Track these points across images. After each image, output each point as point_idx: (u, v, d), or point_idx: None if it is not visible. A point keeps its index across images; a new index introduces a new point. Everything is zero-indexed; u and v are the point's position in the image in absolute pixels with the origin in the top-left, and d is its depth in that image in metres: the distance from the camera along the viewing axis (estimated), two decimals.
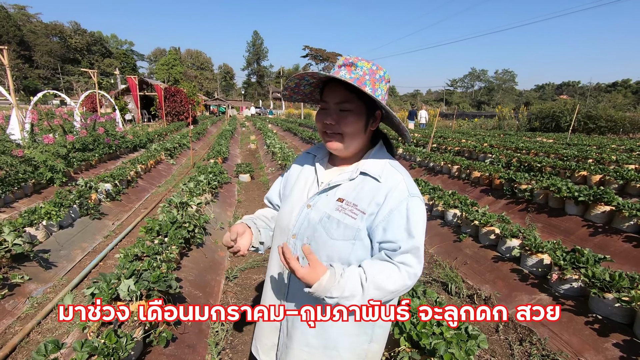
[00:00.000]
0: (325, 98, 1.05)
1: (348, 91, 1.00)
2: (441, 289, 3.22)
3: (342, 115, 1.02)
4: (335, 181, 1.08)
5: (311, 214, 1.07)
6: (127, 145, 9.57)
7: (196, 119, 24.72)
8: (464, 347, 1.67)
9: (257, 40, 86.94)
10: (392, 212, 0.98)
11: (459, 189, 6.01)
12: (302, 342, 1.10)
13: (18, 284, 2.87)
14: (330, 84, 1.04)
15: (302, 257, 1.05)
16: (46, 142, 6.07)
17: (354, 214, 1.01)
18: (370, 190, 1.03)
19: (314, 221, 1.06)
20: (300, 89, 1.14)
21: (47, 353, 1.53)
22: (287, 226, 1.12)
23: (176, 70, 57.72)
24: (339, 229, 1.01)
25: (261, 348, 1.24)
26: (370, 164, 1.07)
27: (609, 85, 72.42)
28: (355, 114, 1.02)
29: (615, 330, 2.28)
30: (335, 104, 1.02)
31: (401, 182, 1.03)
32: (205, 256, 3.42)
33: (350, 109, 1.01)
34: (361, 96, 1.01)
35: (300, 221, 1.09)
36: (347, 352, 1.09)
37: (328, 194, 1.08)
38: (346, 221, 1.01)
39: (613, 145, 9.34)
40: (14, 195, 4.70)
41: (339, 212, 1.03)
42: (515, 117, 21.68)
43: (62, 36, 69.74)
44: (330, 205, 1.05)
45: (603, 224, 3.77)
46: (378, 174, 1.04)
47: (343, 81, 0.99)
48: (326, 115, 1.04)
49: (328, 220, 1.03)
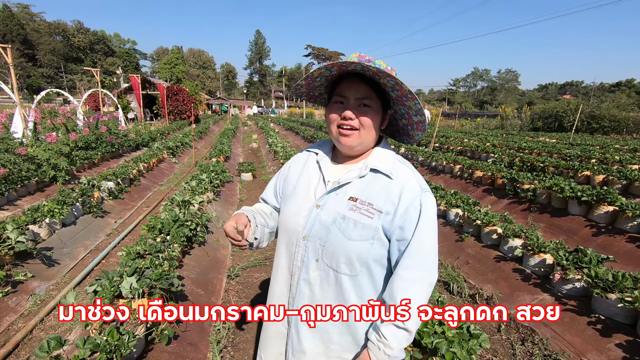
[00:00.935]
0: (343, 92, 1.02)
1: (370, 88, 1.00)
2: (443, 288, 3.21)
3: (362, 110, 1.01)
4: (345, 179, 1.05)
5: (322, 215, 1.04)
6: (130, 144, 9.59)
7: (198, 117, 24.77)
8: (466, 347, 1.67)
9: (260, 39, 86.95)
10: (408, 210, 0.98)
11: (461, 188, 6.00)
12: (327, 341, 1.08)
13: (21, 281, 2.88)
14: (350, 79, 1.01)
15: (315, 259, 1.04)
16: (49, 141, 6.10)
17: (370, 214, 0.99)
18: (384, 188, 1.01)
19: (326, 222, 1.02)
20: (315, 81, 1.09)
21: (50, 350, 1.54)
22: (296, 228, 1.08)
23: (179, 69, 57.81)
24: (356, 230, 0.99)
25: (266, 357, 1.20)
26: (379, 160, 1.06)
27: (612, 85, 72.01)
28: (375, 111, 1.02)
29: (618, 330, 2.27)
30: (357, 99, 1.01)
31: (412, 178, 1.02)
32: (207, 254, 3.43)
33: (370, 105, 1.01)
34: (380, 94, 1.01)
35: (311, 222, 1.05)
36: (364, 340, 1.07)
37: (338, 193, 1.05)
38: (363, 221, 0.99)
39: (616, 145, 9.30)
40: (17, 193, 4.72)
41: (353, 212, 1.00)
42: (518, 116, 21.60)
43: (65, 35, 69.99)
44: (342, 205, 1.02)
45: (606, 224, 3.75)
46: (389, 171, 1.03)
47: (364, 77, 0.99)
48: (344, 109, 1.01)
49: (343, 221, 1.00)
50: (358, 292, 1.03)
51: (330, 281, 1.03)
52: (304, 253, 1.06)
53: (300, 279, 1.07)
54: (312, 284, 1.05)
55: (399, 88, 0.96)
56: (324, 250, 1.02)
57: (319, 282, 1.05)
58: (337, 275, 1.02)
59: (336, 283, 1.03)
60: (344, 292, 1.03)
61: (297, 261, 1.07)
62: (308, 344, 1.08)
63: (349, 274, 1.01)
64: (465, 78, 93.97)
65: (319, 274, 1.04)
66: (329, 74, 1.05)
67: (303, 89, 1.14)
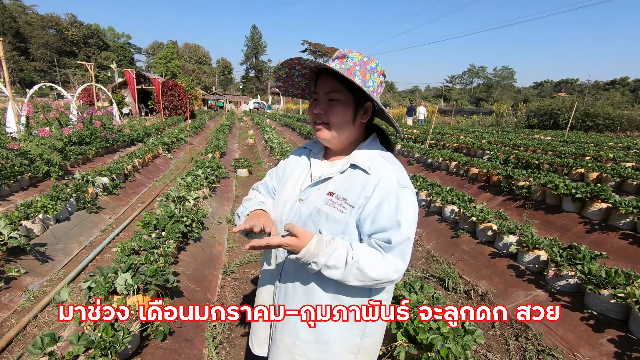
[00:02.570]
0: (316, 89, 1.06)
1: (337, 81, 1.01)
2: (438, 284, 3.23)
3: (330, 104, 1.03)
4: (326, 174, 1.08)
5: (302, 208, 1.07)
6: (125, 139, 9.50)
7: (194, 113, 24.61)
8: (461, 342, 1.68)
9: (256, 34, 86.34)
10: (381, 203, 0.97)
11: (457, 185, 6.03)
12: (293, 336, 1.10)
13: (14, 278, 2.86)
14: (323, 76, 1.05)
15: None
16: (42, 135, 6.02)
17: (343, 208, 1.01)
18: (360, 183, 1.02)
19: (304, 215, 1.06)
20: (294, 81, 1.14)
21: (43, 346, 1.52)
22: (280, 220, 1.13)
23: (174, 64, 57.25)
24: (327, 223, 1.01)
25: (256, 341, 1.27)
26: (361, 156, 1.07)
27: (607, 83, 72.57)
28: (344, 104, 1.02)
29: (610, 326, 2.29)
30: (325, 94, 1.03)
31: (390, 173, 1.02)
32: (203, 250, 3.42)
33: (338, 99, 1.02)
34: (350, 87, 1.01)
35: (292, 215, 1.09)
36: (339, 347, 1.08)
37: (320, 188, 1.08)
38: (335, 215, 1.01)
39: (610, 143, 9.37)
40: (9, 189, 4.66)
41: (328, 206, 1.02)
42: (514, 114, 21.70)
43: (59, 28, 68.96)
44: (321, 199, 1.05)
45: (600, 221, 3.78)
46: (367, 166, 1.03)
47: (334, 72, 1.00)
48: (315, 105, 1.05)
49: (317, 215, 1.03)
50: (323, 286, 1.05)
51: (301, 274, 1.07)
52: None
53: (282, 270, 1.13)
54: (288, 276, 1.10)
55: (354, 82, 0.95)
56: None
57: (292, 274, 1.09)
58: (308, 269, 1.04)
59: (307, 277, 1.06)
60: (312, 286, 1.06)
61: (279, 252, 1.14)
62: (278, 335, 1.14)
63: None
64: (462, 75, 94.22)
65: (294, 267, 1.08)
66: (301, 73, 1.09)
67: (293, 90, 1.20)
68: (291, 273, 1.10)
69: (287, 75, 1.10)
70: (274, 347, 1.16)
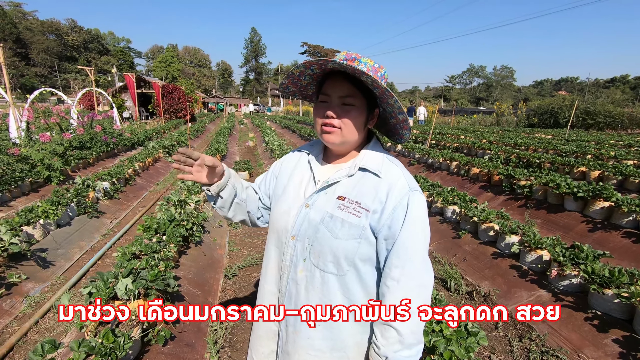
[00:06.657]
0: (327, 91, 1.02)
1: (353, 86, 0.99)
2: (440, 285, 3.21)
3: (344, 109, 1.00)
4: (334, 178, 1.05)
5: (311, 214, 1.04)
6: (125, 143, 9.51)
7: (194, 116, 24.63)
8: (464, 344, 1.67)
9: (255, 37, 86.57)
10: (396, 209, 0.97)
11: (458, 185, 6.01)
12: (307, 347, 1.05)
13: (15, 284, 2.85)
14: (335, 78, 1.01)
15: (302, 259, 1.03)
16: (43, 140, 6.03)
17: (357, 212, 0.99)
18: (372, 187, 1.01)
19: (315, 221, 1.02)
20: (300, 80, 1.10)
21: (44, 353, 1.52)
22: (285, 227, 1.08)
23: (174, 67, 57.49)
24: (343, 229, 0.99)
25: (257, 357, 1.19)
26: (369, 159, 1.05)
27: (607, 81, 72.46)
28: (358, 110, 1.01)
29: (614, 326, 2.28)
30: (339, 98, 1.00)
31: (401, 177, 1.02)
32: (204, 254, 3.41)
33: (353, 104, 1.00)
34: (364, 92, 1.00)
35: (300, 222, 1.05)
36: (354, 352, 1.06)
37: (327, 192, 1.05)
38: (350, 220, 0.99)
39: (611, 141, 9.34)
40: (10, 194, 4.67)
41: (341, 210, 1.00)
42: (514, 113, 21.67)
43: (59, 34, 69.31)
44: (331, 204, 1.02)
45: (602, 220, 3.76)
46: (378, 169, 1.02)
47: (348, 75, 0.97)
48: (327, 109, 1.01)
49: (331, 220, 1.00)
50: (345, 293, 1.02)
51: (315, 282, 1.03)
52: (292, 252, 1.06)
53: (289, 278, 1.07)
54: (298, 284, 1.05)
55: (377, 86, 0.95)
56: (312, 249, 1.02)
57: (305, 283, 1.04)
58: (323, 275, 1.01)
59: (322, 284, 1.02)
60: (330, 293, 1.02)
61: (286, 260, 1.08)
62: (290, 347, 1.08)
63: (335, 273, 1.00)
64: (461, 75, 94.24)
65: (305, 275, 1.04)
66: (312, 73, 1.05)
67: (291, 88, 1.15)
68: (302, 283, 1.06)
69: (299, 74, 1.06)
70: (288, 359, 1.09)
